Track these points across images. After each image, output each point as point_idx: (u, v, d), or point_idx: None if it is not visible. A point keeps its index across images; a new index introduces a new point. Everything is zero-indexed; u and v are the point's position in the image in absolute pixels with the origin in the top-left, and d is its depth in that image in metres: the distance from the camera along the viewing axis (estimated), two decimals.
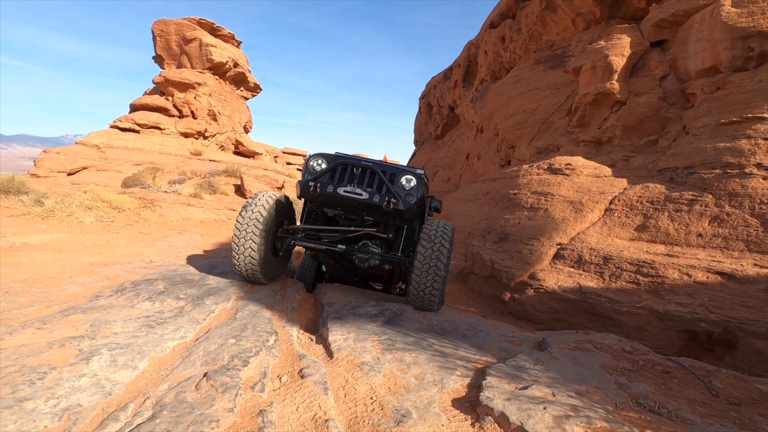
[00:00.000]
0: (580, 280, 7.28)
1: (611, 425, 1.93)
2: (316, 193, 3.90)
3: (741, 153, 7.08)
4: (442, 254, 3.83)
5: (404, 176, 4.06)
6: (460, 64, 24.31)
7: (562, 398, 2.20)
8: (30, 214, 8.36)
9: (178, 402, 1.85)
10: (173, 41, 23.09)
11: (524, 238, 8.79)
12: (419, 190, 4.05)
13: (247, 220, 3.98)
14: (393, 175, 4.07)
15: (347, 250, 4.11)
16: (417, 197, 4.02)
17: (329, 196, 3.89)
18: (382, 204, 3.82)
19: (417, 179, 4.07)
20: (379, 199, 3.84)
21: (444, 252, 3.84)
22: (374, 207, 3.89)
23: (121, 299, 3.47)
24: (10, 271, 4.35)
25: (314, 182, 3.91)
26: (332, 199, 3.94)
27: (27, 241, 6.19)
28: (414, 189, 4.02)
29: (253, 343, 2.63)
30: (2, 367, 2.05)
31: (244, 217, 4.00)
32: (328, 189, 3.87)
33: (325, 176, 4.01)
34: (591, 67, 10.49)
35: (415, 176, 4.09)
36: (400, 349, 2.86)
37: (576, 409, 2.06)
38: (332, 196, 3.89)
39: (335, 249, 4.12)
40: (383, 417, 1.98)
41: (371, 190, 3.90)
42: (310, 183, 3.92)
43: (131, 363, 2.24)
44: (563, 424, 1.89)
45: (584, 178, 9.24)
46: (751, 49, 8.04)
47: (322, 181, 3.94)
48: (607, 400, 2.29)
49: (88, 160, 16.27)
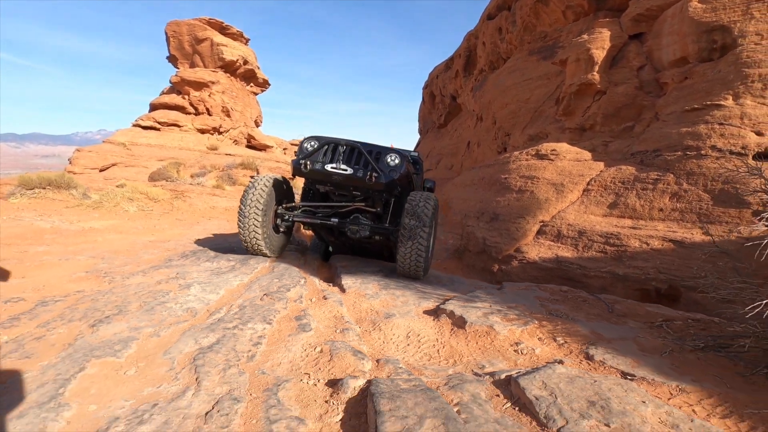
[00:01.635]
0: (558, 252, 8.38)
1: (519, 317, 3.09)
2: (306, 170, 4.33)
3: (699, 137, 8.03)
4: (424, 224, 4.15)
5: (389, 155, 4.51)
6: (460, 54, 25.03)
7: (495, 308, 3.36)
8: (82, 205, 9.70)
9: (252, 305, 3.05)
10: (186, 41, 24.29)
11: (512, 217, 9.88)
12: (402, 167, 4.50)
13: (249, 201, 4.42)
14: (378, 154, 4.49)
15: (340, 223, 4.57)
16: (400, 173, 4.46)
17: (317, 172, 4.32)
18: (364, 178, 4.20)
19: (400, 157, 4.50)
20: (362, 173, 4.22)
21: (426, 221, 4.16)
22: (358, 180, 4.26)
23: (188, 261, 4.70)
24: (94, 246, 5.64)
25: (305, 161, 4.33)
26: (320, 174, 4.35)
27: (91, 226, 7.50)
28: (397, 166, 4.46)
29: (290, 282, 3.84)
30: (138, 292, 3.28)
31: (247, 197, 4.46)
32: (316, 166, 4.30)
33: (317, 155, 4.42)
34: (575, 59, 11.39)
35: (399, 155, 4.52)
36: (393, 288, 4.03)
37: (501, 312, 3.22)
38: (320, 172, 4.31)
39: (329, 222, 4.61)
40: (377, 316, 3.16)
41: (357, 166, 4.31)
42: (301, 161, 4.35)
43: (215, 290, 3.45)
44: (488, 315, 3.05)
45: (567, 162, 10.25)
46: (714, 42, 8.91)
47: (313, 160, 4.37)
48: (527, 311, 3.43)
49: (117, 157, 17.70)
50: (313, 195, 5.11)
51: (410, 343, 2.73)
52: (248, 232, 4.48)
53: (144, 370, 1.99)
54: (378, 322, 3.02)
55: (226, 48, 24.08)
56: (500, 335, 2.76)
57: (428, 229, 4.19)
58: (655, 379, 2.14)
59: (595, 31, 11.20)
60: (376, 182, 4.21)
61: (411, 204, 4.25)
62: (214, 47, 23.91)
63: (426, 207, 4.24)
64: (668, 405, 1.83)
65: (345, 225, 4.55)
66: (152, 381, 1.89)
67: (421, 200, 4.29)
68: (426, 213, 4.20)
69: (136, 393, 1.78)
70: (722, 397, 1.99)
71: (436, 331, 2.92)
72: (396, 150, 4.60)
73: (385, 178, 4.26)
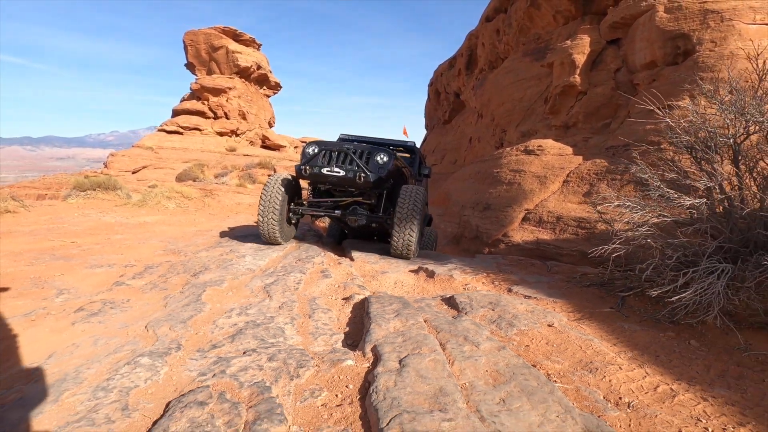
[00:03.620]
0: (539, 235, 9.68)
1: (474, 272, 4.47)
2: (307, 174, 5.06)
3: (660, 133, 9.21)
4: (413, 215, 4.87)
5: (379, 155, 5.19)
6: (462, 53, 26.15)
7: (460, 267, 4.74)
8: (128, 204, 11.30)
9: (290, 265, 4.49)
10: (203, 49, 25.95)
11: (502, 207, 11.18)
12: (390, 163, 5.19)
13: (268, 196, 5.23)
14: (370, 154, 5.18)
15: (341, 214, 5.43)
16: (389, 169, 5.16)
17: (316, 175, 5.05)
18: (355, 178, 4.88)
19: (388, 156, 5.20)
20: (353, 174, 4.89)
21: (417, 210, 4.89)
22: (349, 181, 4.94)
23: (234, 242, 6.17)
24: (155, 234, 7.17)
25: (305, 166, 5.06)
26: (319, 177, 5.08)
27: (144, 220, 9.06)
28: (386, 163, 5.14)
29: (314, 254, 5.28)
30: (210, 260, 4.75)
31: (266, 193, 5.26)
32: (315, 170, 5.00)
33: (317, 159, 5.14)
34: (560, 62, 12.55)
35: (387, 154, 5.23)
36: (389, 258, 5.43)
37: (462, 270, 4.60)
38: (318, 175, 5.04)
39: (333, 214, 5.48)
40: (376, 273, 4.58)
41: (350, 167, 4.99)
42: (301, 167, 5.09)
43: (262, 259, 4.89)
44: (452, 271, 4.44)
45: (550, 156, 11.48)
46: (678, 47, 10.04)
47: (313, 164, 5.08)
48: (483, 269, 4.80)
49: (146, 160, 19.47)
50: (319, 191, 5.90)
51: (396, 286, 4.15)
52: (267, 224, 5.32)
53: (237, 293, 3.44)
54: (376, 276, 4.43)
55: (241, 55, 25.68)
56: (456, 280, 4.15)
57: (417, 218, 4.94)
58: (541, 298, 3.50)
59: (577, 37, 12.34)
60: (365, 181, 4.89)
61: (402, 198, 4.98)
62: (229, 54, 25.53)
63: (416, 200, 4.98)
64: (536, 306, 3.20)
65: (345, 215, 5.39)
66: (244, 297, 3.33)
67: (411, 195, 5.00)
68: (415, 206, 4.94)
69: (238, 301, 3.22)
70: (575, 305, 3.35)
71: (415, 280, 4.33)
72: (385, 150, 5.30)
73: (373, 177, 4.91)
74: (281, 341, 2.35)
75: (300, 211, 5.68)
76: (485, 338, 2.39)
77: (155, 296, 3.38)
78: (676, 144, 3.82)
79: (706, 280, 2.76)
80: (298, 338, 2.48)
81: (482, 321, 2.80)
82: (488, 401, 1.71)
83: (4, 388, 1.84)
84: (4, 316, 2.84)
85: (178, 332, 2.46)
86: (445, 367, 1.98)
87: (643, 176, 3.77)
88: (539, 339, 2.55)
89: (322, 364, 2.08)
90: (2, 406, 1.67)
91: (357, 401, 1.75)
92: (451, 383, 1.82)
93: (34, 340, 2.48)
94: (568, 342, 2.51)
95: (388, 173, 5.18)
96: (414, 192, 5.07)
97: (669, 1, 10.23)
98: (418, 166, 7.04)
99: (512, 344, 2.46)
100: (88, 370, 1.93)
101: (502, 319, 2.81)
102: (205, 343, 2.32)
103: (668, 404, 1.86)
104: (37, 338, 2.50)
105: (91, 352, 2.20)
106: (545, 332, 2.65)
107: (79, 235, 6.70)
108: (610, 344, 2.56)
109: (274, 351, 2.16)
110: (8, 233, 6.44)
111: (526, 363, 2.13)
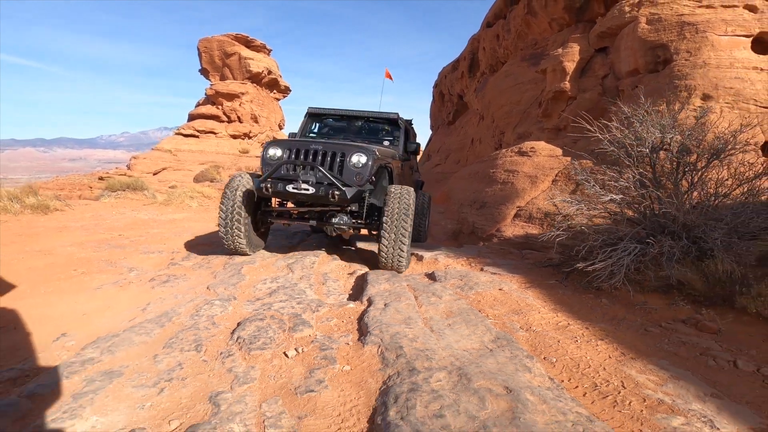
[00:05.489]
0: (528, 230, 10.59)
1: (457, 257, 5.44)
2: (269, 193, 4.18)
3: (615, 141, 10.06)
4: (404, 221, 4.13)
5: (354, 155, 4.22)
6: (465, 56, 27.00)
7: (445, 253, 5.70)
8: (155, 203, 12.44)
9: (305, 252, 5.51)
10: (216, 56, 27.22)
11: (496, 204, 12.10)
12: (369, 164, 4.23)
13: (230, 202, 4.41)
14: (343, 156, 4.24)
15: (318, 225, 4.62)
16: (368, 174, 4.22)
17: (280, 193, 4.19)
18: (327, 196, 4.00)
19: (367, 155, 4.24)
20: (324, 191, 4.01)
21: (407, 216, 4.14)
22: (321, 198, 4.08)
23: None
24: (186, 229, 8.24)
25: (265, 183, 4.16)
26: (283, 196, 4.26)
27: (173, 217, 10.17)
28: (364, 166, 4.21)
29: (324, 243, 6.29)
30: None
31: (227, 199, 4.42)
32: (278, 187, 4.13)
33: (280, 169, 4.27)
34: (552, 70, 13.41)
35: (365, 152, 4.26)
36: None
37: (447, 255, 5.57)
38: (283, 193, 4.18)
39: (308, 223, 4.69)
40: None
41: (321, 182, 4.12)
42: (261, 185, 4.17)
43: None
44: (437, 255, 5.42)
45: (542, 157, 12.36)
46: (658, 56, 10.87)
47: (276, 177, 4.24)
48: (465, 255, 5.75)
49: (166, 162, 20.75)
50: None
51: None
52: (231, 235, 4.54)
53: (266, 269, 4.46)
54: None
55: (253, 61, 26.91)
56: (440, 263, 5.12)
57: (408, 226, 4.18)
58: (503, 274, 4.47)
59: (568, 46, 13.20)
60: (340, 199, 4.05)
61: (390, 206, 4.17)
62: (241, 61, 26.78)
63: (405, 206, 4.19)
64: (496, 278, 4.17)
65: (323, 225, 4.59)
66: (273, 272, 4.34)
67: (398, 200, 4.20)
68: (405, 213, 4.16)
69: (268, 274, 4.23)
70: (529, 279, 4.31)
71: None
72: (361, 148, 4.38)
73: (350, 193, 4.05)
74: (304, 296, 3.35)
75: (269, 220, 4.96)
76: (448, 295, 3.37)
77: (204, 272, 4.41)
78: (606, 153, 4.70)
79: (618, 256, 3.71)
80: (316, 296, 3.48)
81: (450, 286, 3.78)
82: (439, 324, 2.70)
83: (135, 324, 2.87)
84: (100, 285, 3.89)
85: (231, 291, 3.48)
86: (414, 308, 2.97)
87: (580, 178, 4.67)
88: (489, 297, 3.52)
89: (333, 307, 3.08)
90: (132, 328, 2.69)
91: (355, 323, 2.75)
92: (416, 315, 2.81)
93: (128, 298, 3.51)
94: (510, 299, 3.48)
95: (369, 176, 4.30)
96: (402, 196, 4.25)
97: (650, 14, 11.06)
98: (403, 142, 6.01)
99: (468, 299, 3.43)
100: (180, 309, 2.96)
101: (465, 285, 3.79)
102: (251, 297, 3.33)
103: (560, 330, 2.82)
104: (129, 297, 3.53)
105: (176, 302, 3.22)
106: (495, 293, 3.62)
107: (122, 230, 7.80)
108: (541, 301, 3.52)
109: (300, 300, 3.17)
110: (64, 228, 7.56)
111: (473, 308, 3.10)
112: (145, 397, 1.80)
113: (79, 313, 3.04)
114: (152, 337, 2.43)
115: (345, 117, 6.13)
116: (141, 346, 2.33)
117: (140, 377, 1.95)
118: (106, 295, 3.57)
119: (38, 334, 2.58)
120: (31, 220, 7.88)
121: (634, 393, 1.98)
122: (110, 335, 2.44)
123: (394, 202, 4.19)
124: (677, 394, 1.98)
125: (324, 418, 1.71)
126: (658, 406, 1.86)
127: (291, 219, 4.90)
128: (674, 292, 3.54)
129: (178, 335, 2.43)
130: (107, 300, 3.44)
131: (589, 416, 1.69)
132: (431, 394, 1.74)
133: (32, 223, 7.64)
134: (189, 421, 1.64)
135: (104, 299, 3.46)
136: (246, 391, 1.86)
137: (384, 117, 6.03)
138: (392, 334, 2.40)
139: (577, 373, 2.20)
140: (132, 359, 2.16)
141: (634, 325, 3.00)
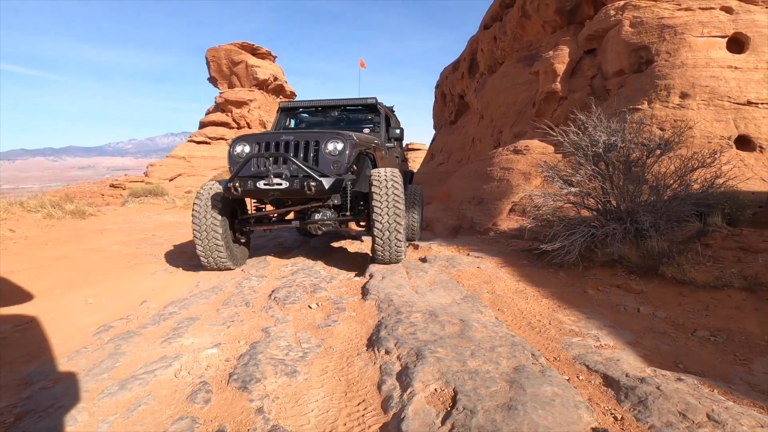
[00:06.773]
0: (522, 223, 11.37)
1: (449, 244, 6.29)
2: (239, 193, 3.84)
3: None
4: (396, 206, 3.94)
5: (329, 142, 3.89)
6: (465, 57, 27.74)
7: (438, 242, 6.56)
8: (176, 207, 13.46)
9: (318, 243, 6.40)
10: (224, 65, 28.34)
11: (492, 200, 12.90)
12: (347, 151, 3.91)
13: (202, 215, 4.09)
14: (317, 144, 3.89)
15: (301, 226, 4.38)
16: (347, 161, 3.90)
17: (251, 192, 3.85)
18: (303, 189, 3.69)
19: (343, 141, 3.91)
20: (299, 184, 3.70)
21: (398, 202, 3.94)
22: (297, 193, 3.77)
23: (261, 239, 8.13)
24: None
25: (233, 183, 3.81)
26: (255, 194, 3.93)
27: None
28: (341, 154, 3.88)
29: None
30: (261, 238, 6.71)
31: (198, 212, 4.10)
32: (248, 185, 3.80)
33: (248, 165, 3.89)
34: (544, 71, 14.16)
35: (342, 139, 3.92)
36: None
37: (440, 243, 6.43)
38: (254, 191, 3.85)
39: (290, 225, 4.43)
40: None
41: (295, 174, 3.79)
42: (229, 185, 3.84)
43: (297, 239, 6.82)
44: (431, 244, 6.28)
45: (535, 155, 13.12)
46: (641, 57, 11.59)
47: (245, 174, 3.88)
48: (456, 244, 6.59)
49: (181, 168, 21.86)
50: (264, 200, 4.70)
51: None
52: (209, 250, 4.20)
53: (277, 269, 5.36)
54: None
55: (259, 69, 27.98)
56: (433, 249, 5.98)
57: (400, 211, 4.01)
58: (485, 257, 5.31)
59: (558, 48, 13.94)
60: (317, 190, 3.73)
61: (377, 194, 3.96)
62: (249, 68, 27.86)
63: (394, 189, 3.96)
64: (476, 260, 5.01)
65: (306, 225, 4.32)
66: (291, 260, 5.24)
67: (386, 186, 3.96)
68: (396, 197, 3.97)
69: (281, 274, 5.13)
70: (506, 260, 5.15)
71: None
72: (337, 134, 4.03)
73: (328, 183, 3.76)
74: (320, 274, 4.24)
75: (247, 228, 4.64)
76: (434, 270, 4.24)
77: None
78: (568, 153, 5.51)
79: (574, 238, 4.54)
80: (329, 274, 4.37)
81: (437, 266, 4.64)
82: (423, 289, 3.57)
83: (195, 293, 3.78)
84: (154, 272, 4.82)
85: (261, 272, 4.38)
86: (405, 279, 3.84)
87: (545, 174, 5.50)
88: (468, 273, 4.37)
89: (343, 280, 3.98)
90: (194, 294, 3.59)
91: (359, 289, 3.64)
92: (406, 283, 3.68)
93: (180, 280, 4.43)
94: (484, 274, 4.33)
95: (350, 163, 4.01)
96: (389, 178, 4.01)
97: (633, 17, 11.78)
98: (385, 128, 5.68)
99: (450, 274, 4.29)
100: (226, 284, 3.86)
101: (450, 265, 4.64)
102: (278, 275, 4.23)
103: (518, 293, 3.67)
104: (181, 279, 4.45)
105: (220, 280, 4.12)
106: (474, 270, 4.48)
107: (154, 230, 8.78)
108: (509, 275, 4.37)
109: (317, 275, 4.08)
110: (104, 230, 8.56)
111: (452, 280, 3.96)
112: (219, 330, 2.69)
113: (148, 289, 3.96)
114: (211, 300, 3.34)
115: (320, 109, 5.83)
116: (205, 305, 3.23)
117: (212, 321, 2.85)
118: (162, 278, 4.49)
119: (128, 301, 3.50)
120: (73, 225, 8.90)
121: (554, 326, 2.82)
122: (180, 299, 3.36)
123: (381, 184, 3.94)
124: (584, 326, 2.82)
125: (338, 339, 2.59)
126: (568, 333, 2.71)
127: (271, 223, 4.60)
128: (617, 266, 4.36)
129: (231, 298, 3.34)
130: (164, 281, 4.36)
131: (513, 335, 2.54)
132: (409, 324, 2.61)
133: (75, 226, 8.65)
134: (251, 341, 2.53)
135: (162, 281, 4.38)
136: (285, 327, 2.75)
137: (361, 103, 5.71)
138: (386, 293, 3.28)
139: (519, 317, 3.05)
140: (202, 312, 3.06)
141: (578, 290, 3.84)
